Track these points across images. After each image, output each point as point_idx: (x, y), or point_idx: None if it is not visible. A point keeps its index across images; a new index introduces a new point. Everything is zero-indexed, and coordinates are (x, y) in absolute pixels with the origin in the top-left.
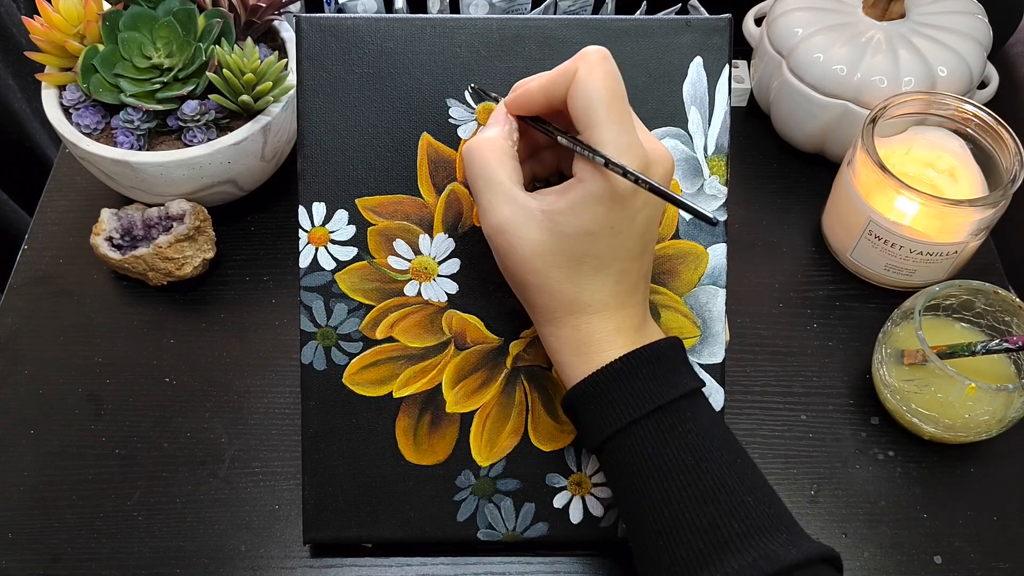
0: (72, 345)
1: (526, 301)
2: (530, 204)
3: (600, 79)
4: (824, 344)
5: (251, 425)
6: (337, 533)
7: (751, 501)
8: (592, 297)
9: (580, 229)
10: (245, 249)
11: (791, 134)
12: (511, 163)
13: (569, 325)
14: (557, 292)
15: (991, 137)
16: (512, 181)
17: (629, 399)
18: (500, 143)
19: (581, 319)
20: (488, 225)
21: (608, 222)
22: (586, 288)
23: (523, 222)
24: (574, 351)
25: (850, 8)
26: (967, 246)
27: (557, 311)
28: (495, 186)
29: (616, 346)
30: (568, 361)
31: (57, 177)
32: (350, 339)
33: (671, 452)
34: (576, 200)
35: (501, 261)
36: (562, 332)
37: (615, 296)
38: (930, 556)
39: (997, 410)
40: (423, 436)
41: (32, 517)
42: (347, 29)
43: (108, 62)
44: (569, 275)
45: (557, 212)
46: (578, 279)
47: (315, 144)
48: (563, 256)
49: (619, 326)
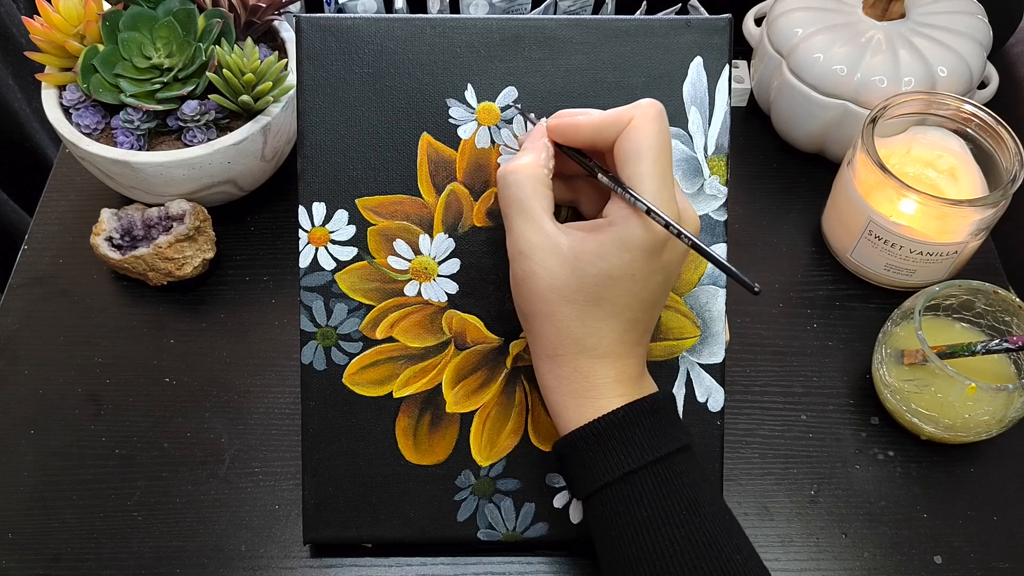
0: (72, 345)
1: (531, 331)
2: (559, 238)
3: (654, 132)
4: (824, 344)
5: (251, 425)
6: (337, 533)
7: (739, 560)
8: (599, 341)
9: (602, 272)
10: (245, 249)
11: (791, 134)
12: (545, 191)
13: (570, 366)
14: (565, 329)
15: (991, 137)
16: (544, 210)
17: (628, 449)
18: (537, 170)
19: (583, 362)
20: (514, 248)
21: (631, 270)
22: (595, 331)
23: (548, 253)
24: (572, 394)
25: (850, 8)
26: (967, 246)
27: (560, 348)
28: (527, 213)
29: (615, 394)
30: (564, 403)
31: (57, 177)
32: (350, 339)
33: (666, 505)
34: (605, 242)
35: (517, 287)
36: (562, 372)
37: (621, 344)
38: (930, 556)
39: (997, 410)
40: (423, 436)
41: (32, 517)
42: (347, 29)
43: (108, 62)
44: (581, 314)
45: (584, 251)
46: (589, 320)
47: (315, 144)
48: (580, 294)
49: (620, 375)
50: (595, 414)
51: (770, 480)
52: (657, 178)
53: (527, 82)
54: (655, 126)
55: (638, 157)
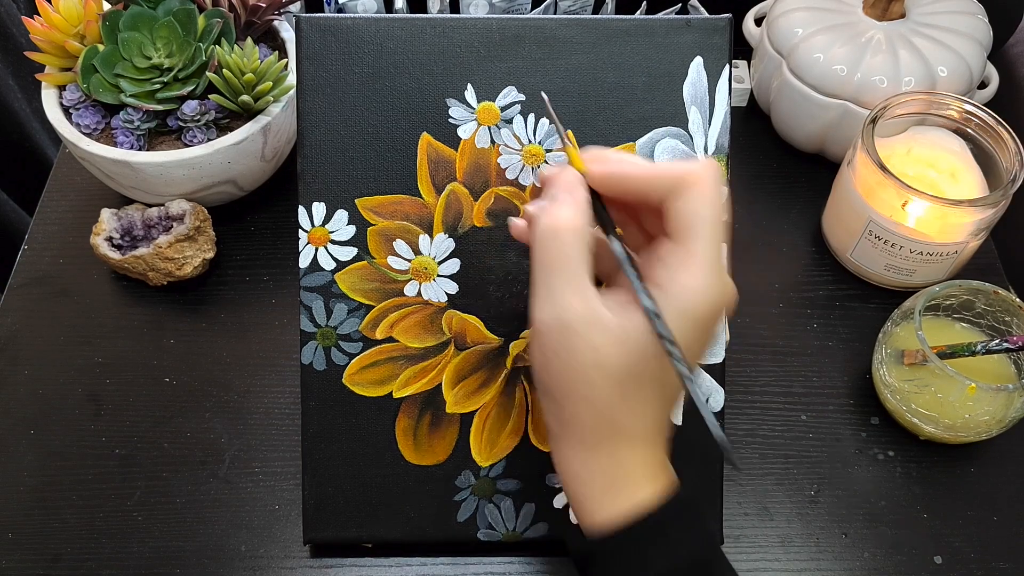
0: (72, 345)
1: (558, 414)
2: (602, 310)
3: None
4: (824, 344)
5: (251, 425)
6: (337, 533)
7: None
8: (635, 424)
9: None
10: (245, 249)
11: (791, 134)
12: (587, 253)
13: (605, 453)
14: (605, 413)
15: (991, 137)
16: (589, 276)
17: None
18: (581, 227)
19: (622, 450)
20: (548, 315)
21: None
22: (638, 415)
23: (591, 325)
24: (603, 485)
25: (850, 8)
26: (967, 246)
27: (599, 434)
28: (569, 276)
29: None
30: (591, 495)
31: (57, 177)
32: (350, 339)
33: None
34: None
35: (545, 359)
36: (595, 461)
37: (656, 425)
38: (930, 556)
39: (997, 410)
40: (423, 436)
41: (32, 517)
42: (347, 29)
43: (108, 62)
44: (625, 396)
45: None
46: (632, 403)
47: (315, 144)
48: (625, 372)
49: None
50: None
51: (770, 480)
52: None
53: (527, 82)
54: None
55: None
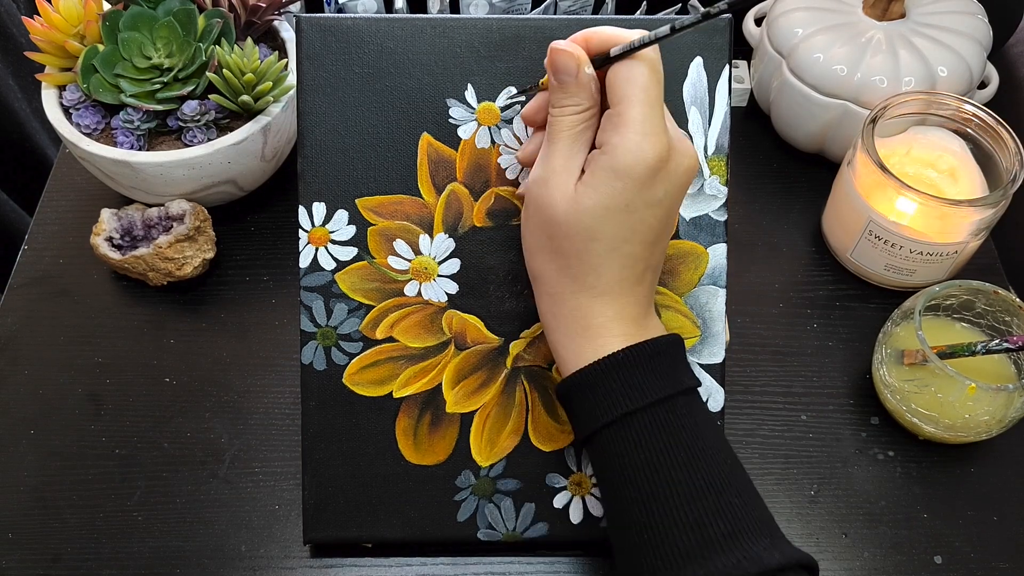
0: (72, 345)
1: (532, 268)
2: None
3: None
4: (824, 344)
5: (251, 425)
6: (337, 533)
7: (738, 503)
8: (596, 279)
9: (596, 203)
10: (245, 249)
11: (791, 134)
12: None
13: (568, 305)
14: (563, 265)
15: (991, 137)
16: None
17: (627, 391)
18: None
19: (582, 299)
20: (536, 173)
21: (624, 199)
22: (593, 267)
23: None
24: (571, 333)
25: (850, 8)
26: (967, 246)
27: (559, 285)
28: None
29: (614, 334)
30: (563, 343)
31: (57, 177)
32: (350, 339)
33: (664, 447)
34: (597, 170)
35: (526, 218)
36: (561, 311)
37: (620, 282)
38: (930, 556)
39: (997, 410)
40: (423, 436)
41: (32, 517)
42: (347, 29)
43: (108, 62)
44: (578, 249)
45: (582, 183)
46: (586, 256)
47: (315, 144)
48: (577, 228)
49: (619, 313)
50: (595, 355)
51: (770, 480)
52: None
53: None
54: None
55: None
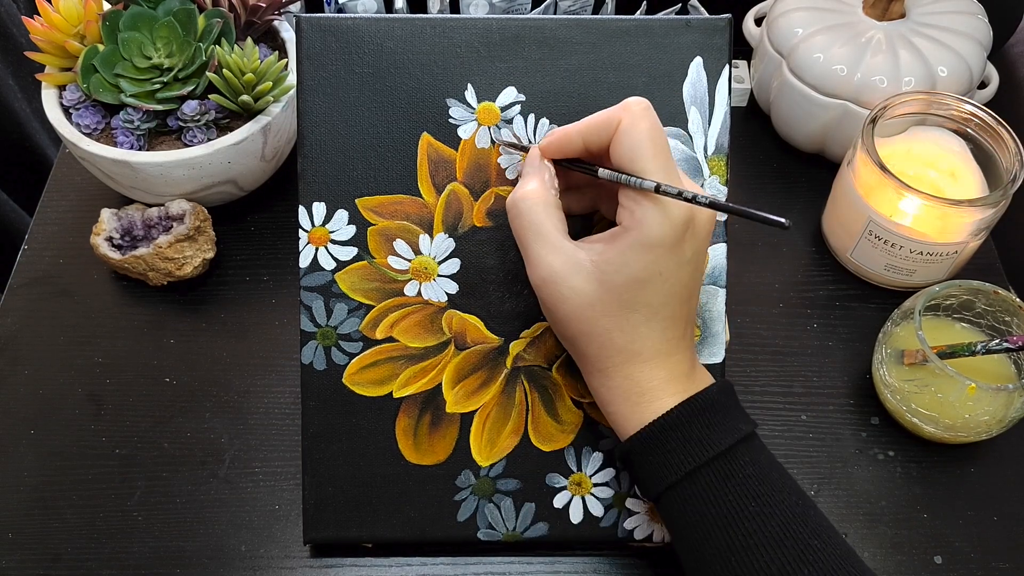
0: (72, 345)
1: (576, 352)
2: (579, 255)
3: (646, 129)
4: (824, 344)
5: (251, 425)
6: (337, 533)
7: (818, 544)
8: (643, 345)
9: (630, 278)
10: (245, 249)
11: (791, 134)
12: (556, 213)
13: (620, 375)
14: (607, 342)
15: (991, 137)
16: (559, 231)
17: (687, 448)
18: (543, 194)
19: (633, 368)
20: (537, 276)
21: (657, 269)
22: (637, 336)
23: (572, 273)
24: (626, 401)
25: (850, 8)
26: (967, 246)
27: (607, 361)
28: (543, 238)
29: (669, 393)
30: (621, 411)
31: (57, 177)
32: (350, 339)
33: (733, 499)
34: (625, 248)
35: (550, 313)
36: (613, 383)
37: (665, 343)
38: (930, 556)
39: (997, 410)
40: (423, 436)
41: (32, 517)
42: (347, 29)
43: (108, 62)
44: (619, 324)
45: (606, 262)
46: (628, 328)
47: (315, 144)
48: (613, 305)
49: (671, 373)
50: (652, 416)
51: None
52: (660, 171)
53: (527, 82)
54: (645, 123)
55: (636, 156)
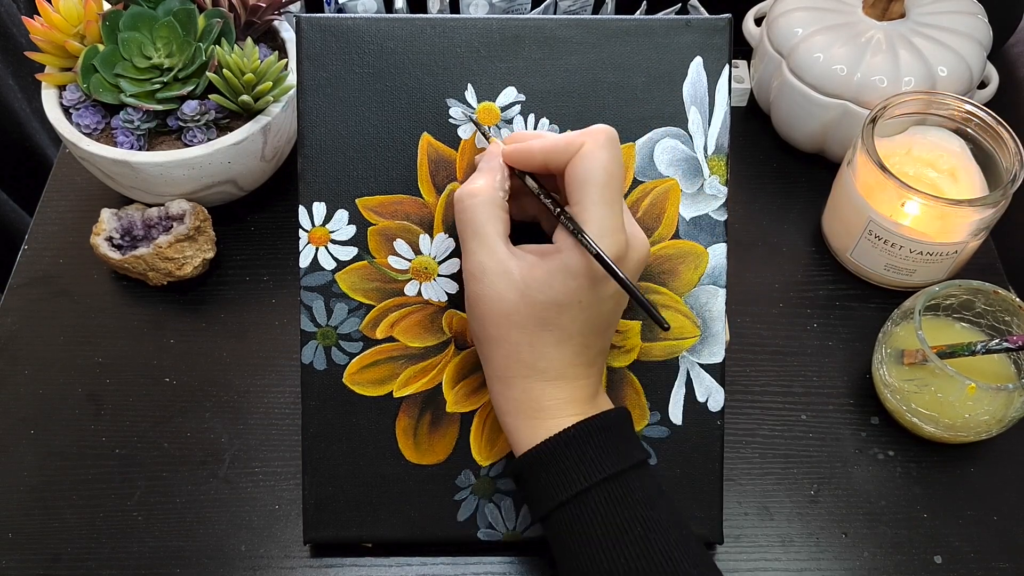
0: (72, 345)
1: (483, 355)
2: (510, 263)
3: (603, 160)
4: (824, 344)
5: (251, 425)
6: (337, 533)
7: (695, 574)
8: (548, 365)
9: (550, 299)
10: (245, 249)
11: (791, 134)
12: (500, 214)
13: (519, 388)
14: (514, 353)
15: (991, 137)
16: (498, 234)
17: (580, 467)
18: (492, 194)
19: (534, 383)
20: (466, 270)
21: (577, 297)
22: (544, 355)
23: (499, 278)
24: (522, 414)
25: (850, 8)
26: (967, 246)
27: (510, 370)
28: (481, 237)
29: (567, 414)
30: (516, 425)
31: (57, 177)
32: (350, 339)
33: (620, 522)
34: (552, 270)
35: (470, 309)
36: (512, 394)
37: (573, 367)
38: (930, 556)
39: (997, 410)
40: (423, 436)
41: (32, 517)
42: (347, 29)
43: (108, 62)
44: (530, 339)
45: (532, 278)
46: (538, 345)
47: (315, 144)
48: (529, 320)
49: (571, 396)
50: (547, 434)
51: (770, 480)
52: (604, 207)
53: (527, 82)
54: (604, 153)
55: (586, 184)
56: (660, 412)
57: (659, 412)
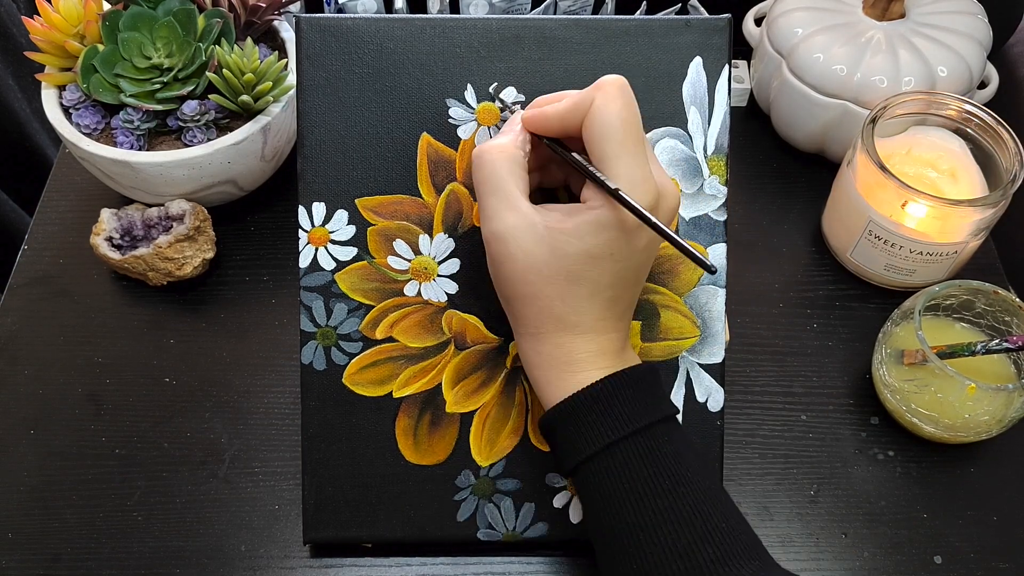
0: (72, 345)
1: (512, 312)
2: (535, 217)
3: (616, 110)
4: (824, 344)
5: (251, 425)
6: (337, 533)
7: (725, 527)
8: (580, 318)
9: (581, 251)
10: (245, 249)
11: (791, 134)
12: (520, 172)
13: (551, 342)
14: (546, 308)
15: (991, 137)
16: (519, 190)
17: (609, 421)
18: (512, 151)
19: (565, 337)
20: (488, 231)
21: (610, 249)
22: (576, 308)
23: (525, 233)
24: (554, 368)
25: (850, 8)
26: (967, 246)
27: (542, 326)
28: (501, 193)
29: (597, 367)
30: (546, 377)
31: (57, 177)
32: (350, 339)
33: (648, 475)
34: (582, 223)
35: (495, 269)
36: (544, 348)
37: (603, 320)
38: (930, 556)
39: (997, 410)
40: (423, 436)
41: (32, 517)
42: (347, 29)
43: (108, 62)
44: (561, 293)
45: (561, 231)
46: (570, 299)
47: (315, 144)
48: (560, 274)
49: (601, 348)
50: (577, 387)
51: (770, 480)
52: (628, 157)
53: (527, 82)
54: (618, 103)
55: (604, 139)
56: None
57: None
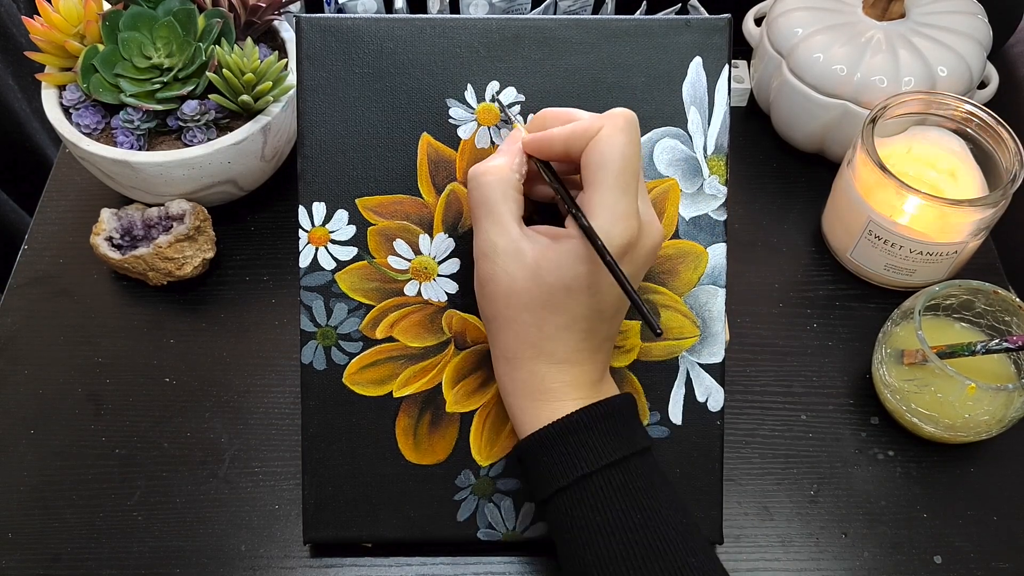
0: (72, 345)
1: (490, 333)
2: (522, 244)
3: (621, 143)
4: (824, 344)
5: (251, 425)
6: (337, 533)
7: (694, 563)
8: (555, 347)
9: (560, 281)
10: (245, 249)
11: (791, 134)
12: (514, 195)
13: (526, 369)
14: (523, 333)
15: (991, 137)
16: (511, 214)
17: (583, 453)
18: (508, 174)
19: (540, 365)
20: (478, 250)
21: (587, 282)
22: (551, 336)
23: (511, 257)
24: (527, 396)
25: (850, 8)
26: (967, 246)
27: (518, 351)
28: (494, 216)
29: (571, 398)
30: (520, 405)
31: (57, 177)
32: (350, 339)
33: (620, 509)
34: (563, 253)
35: (479, 287)
36: (518, 375)
37: (578, 352)
38: (930, 556)
39: (997, 410)
40: (423, 436)
41: (32, 517)
42: (347, 29)
43: (108, 62)
44: (538, 320)
45: (544, 259)
46: (546, 327)
47: (315, 144)
48: (537, 301)
49: (576, 380)
50: (550, 417)
51: (770, 480)
52: (617, 191)
53: (527, 82)
54: (624, 137)
55: (601, 168)
56: (660, 412)
57: (659, 412)
